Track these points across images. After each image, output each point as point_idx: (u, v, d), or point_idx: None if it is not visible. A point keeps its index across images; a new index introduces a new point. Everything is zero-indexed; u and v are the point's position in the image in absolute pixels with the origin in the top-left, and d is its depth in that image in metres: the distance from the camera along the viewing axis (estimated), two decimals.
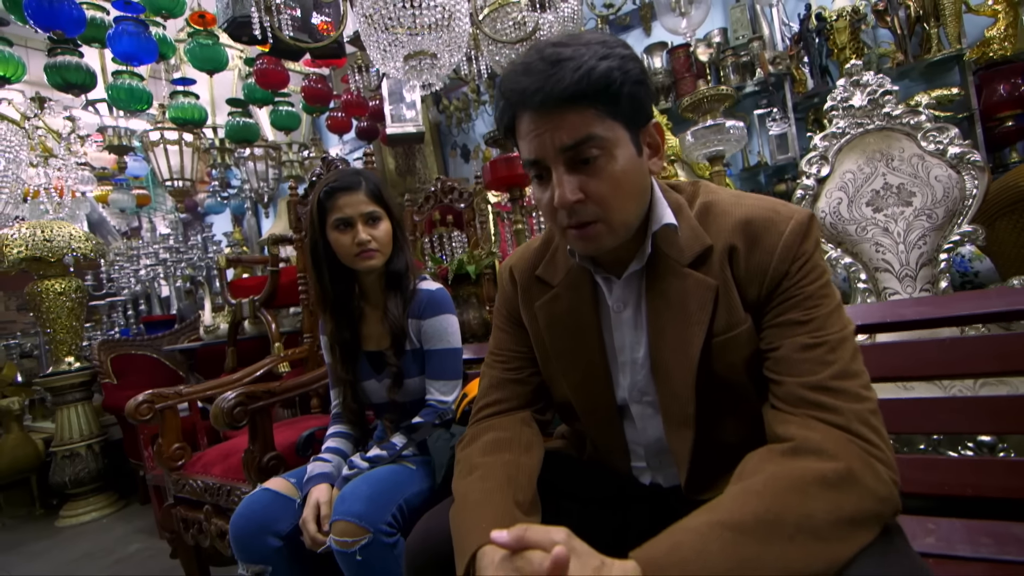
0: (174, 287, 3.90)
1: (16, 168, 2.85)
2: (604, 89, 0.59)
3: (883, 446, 0.55)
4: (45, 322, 2.56)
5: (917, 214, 1.51)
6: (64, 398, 2.58)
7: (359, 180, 1.13)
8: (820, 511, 0.49)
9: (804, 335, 0.60)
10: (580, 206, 0.62)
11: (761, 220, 0.65)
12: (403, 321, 1.17)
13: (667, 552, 0.48)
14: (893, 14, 2.60)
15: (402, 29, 2.03)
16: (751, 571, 0.46)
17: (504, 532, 0.49)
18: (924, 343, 0.99)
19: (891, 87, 1.57)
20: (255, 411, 1.33)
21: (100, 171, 4.37)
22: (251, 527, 1.01)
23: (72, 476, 2.52)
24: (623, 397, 0.75)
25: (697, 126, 2.29)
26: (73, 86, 2.61)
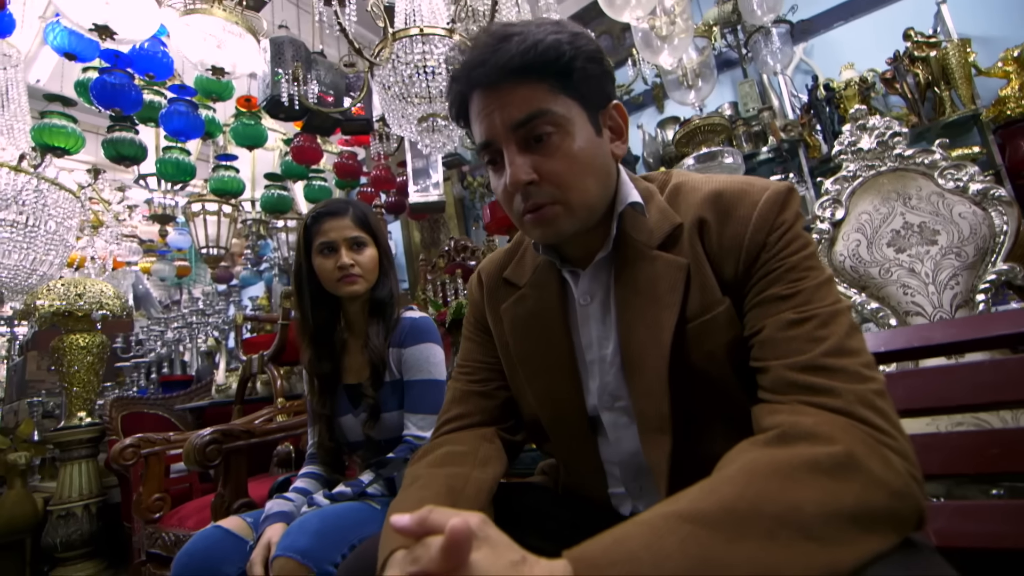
0: (197, 349, 3.97)
1: (66, 233, 3.07)
2: (554, 61, 0.57)
3: (895, 432, 0.44)
4: (65, 376, 2.60)
5: (944, 253, 1.41)
6: (71, 454, 2.55)
7: (346, 207, 1.14)
8: (810, 502, 0.38)
9: (789, 311, 0.52)
10: (534, 187, 0.58)
11: (733, 191, 0.59)
12: (384, 350, 1.12)
13: (608, 549, 0.37)
14: (902, 81, 2.63)
15: (418, 99, 2.17)
16: (713, 572, 0.35)
17: (406, 516, 0.40)
18: (957, 367, 0.86)
19: (900, 128, 1.54)
20: (230, 451, 1.26)
21: (147, 243, 4.67)
22: (194, 567, 0.91)
23: (64, 538, 2.42)
24: (593, 405, 0.66)
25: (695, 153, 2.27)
26: (125, 158, 2.86)
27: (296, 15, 3.56)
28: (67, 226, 3.07)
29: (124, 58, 2.69)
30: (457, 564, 0.35)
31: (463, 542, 0.35)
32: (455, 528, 0.34)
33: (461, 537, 0.35)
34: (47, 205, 2.90)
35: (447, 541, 0.35)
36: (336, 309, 1.19)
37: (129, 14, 2.18)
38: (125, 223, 3.65)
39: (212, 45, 2.50)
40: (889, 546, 0.39)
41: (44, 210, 2.91)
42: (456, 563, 0.35)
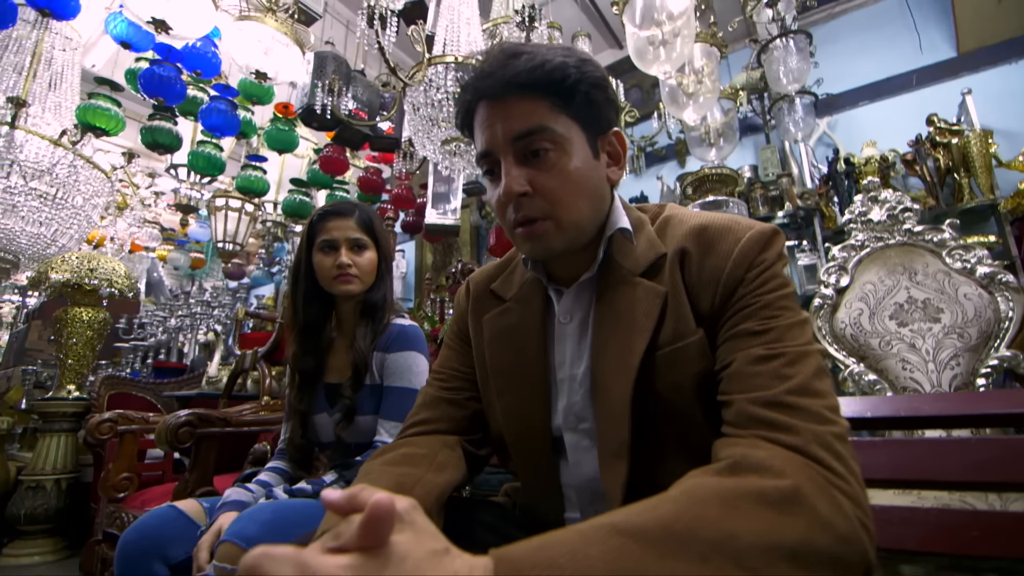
0: (196, 339, 3.99)
1: (91, 210, 3.16)
2: (559, 82, 0.60)
3: (849, 477, 0.43)
4: (62, 347, 2.62)
5: (947, 332, 1.39)
6: (53, 426, 2.54)
7: (353, 209, 1.17)
8: (749, 532, 0.37)
9: (758, 346, 0.52)
10: (527, 200, 0.60)
11: (718, 227, 0.60)
12: (368, 353, 1.11)
13: (533, 551, 0.36)
14: (922, 164, 2.66)
15: (444, 124, 2.25)
16: None
17: (337, 492, 0.39)
18: (945, 442, 0.84)
19: (910, 204, 1.55)
20: (203, 436, 1.25)
21: (167, 232, 4.78)
22: (141, 545, 0.89)
23: (29, 511, 2.38)
24: (558, 425, 0.65)
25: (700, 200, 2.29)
26: (160, 146, 2.96)
27: (344, 35, 3.75)
28: (93, 203, 3.17)
29: (176, 53, 2.83)
30: (375, 542, 0.33)
31: (383, 519, 0.33)
32: (377, 503, 0.33)
33: (382, 513, 0.33)
34: (78, 181, 3.01)
35: (366, 515, 0.33)
36: (329, 307, 1.20)
37: (186, 12, 2.31)
38: (150, 209, 3.74)
39: (260, 51, 2.63)
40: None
41: (74, 185, 3.01)
42: (374, 541, 0.33)
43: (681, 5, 2.15)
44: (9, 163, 2.82)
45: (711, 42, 2.41)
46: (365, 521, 0.33)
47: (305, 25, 2.95)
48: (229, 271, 4.83)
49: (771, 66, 2.38)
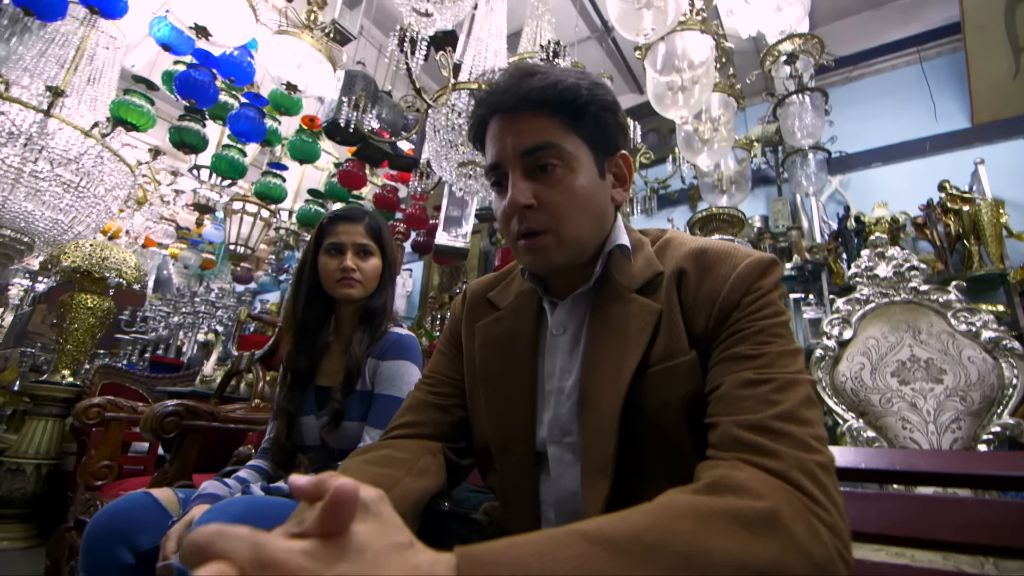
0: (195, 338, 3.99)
1: (111, 201, 3.23)
2: (570, 101, 0.62)
3: (830, 507, 0.42)
4: (63, 331, 2.63)
5: (949, 394, 1.36)
6: (42, 409, 2.53)
7: (363, 215, 1.18)
8: (721, 550, 0.36)
9: (749, 370, 0.51)
10: (531, 212, 0.61)
11: (717, 251, 0.60)
12: (363, 358, 1.11)
13: (499, 551, 0.34)
14: (932, 228, 2.67)
15: (463, 148, 2.30)
16: None
17: (304, 477, 0.38)
18: (938, 499, 0.81)
19: (917, 263, 1.55)
20: (188, 428, 1.24)
21: (182, 230, 4.85)
22: (110, 529, 0.87)
23: (6, 493, 2.34)
24: (543, 438, 0.64)
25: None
26: (187, 145, 3.05)
27: (376, 57, 3.88)
28: (114, 195, 3.23)
29: (212, 59, 2.94)
30: (336, 528, 0.31)
31: (345, 503, 0.32)
32: (340, 488, 0.32)
33: (344, 498, 0.32)
34: (102, 171, 3.08)
35: (327, 499, 0.31)
36: (328, 311, 1.20)
37: (228, 21, 2.41)
38: (168, 206, 3.82)
39: (293, 64, 2.73)
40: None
41: (98, 175, 3.08)
42: (335, 527, 0.31)
43: (702, 55, 2.21)
44: (39, 148, 2.90)
45: (729, 92, 2.47)
46: (326, 505, 0.31)
47: (339, 44, 3.07)
48: (238, 274, 4.88)
49: (786, 120, 2.43)
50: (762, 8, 1.88)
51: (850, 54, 3.21)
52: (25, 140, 2.87)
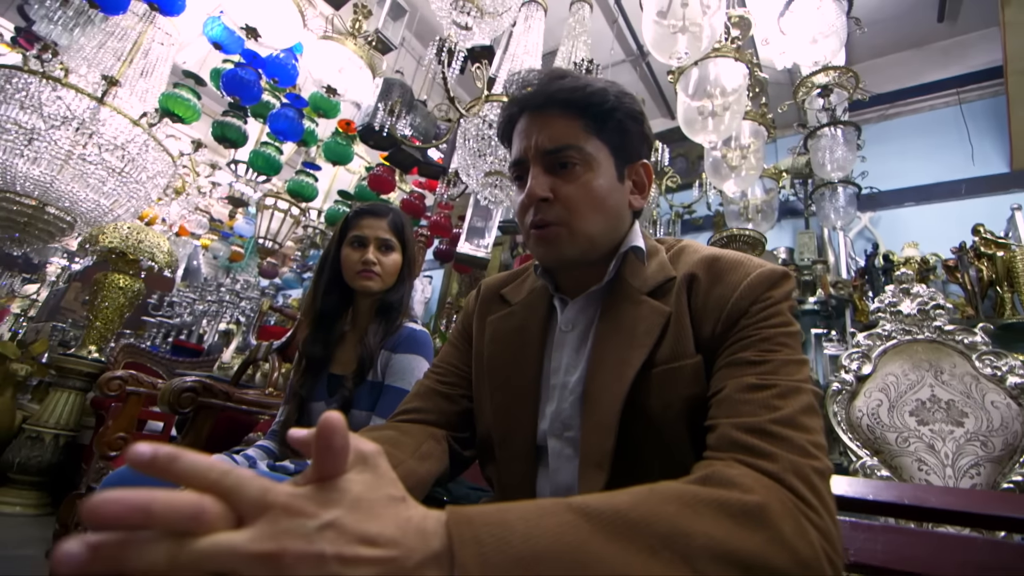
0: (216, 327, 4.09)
1: (151, 189, 3.36)
2: (596, 105, 0.64)
3: (822, 511, 0.42)
4: (94, 308, 2.73)
5: (969, 438, 1.32)
6: (66, 381, 2.62)
7: (387, 211, 1.22)
8: (702, 535, 0.36)
9: (752, 376, 0.52)
10: (547, 205, 0.63)
11: (730, 260, 0.61)
12: (376, 349, 1.14)
13: (488, 512, 0.35)
14: (964, 272, 2.61)
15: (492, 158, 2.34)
16: (583, 563, 0.33)
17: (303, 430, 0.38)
18: (947, 536, 0.79)
19: (943, 301, 1.51)
20: (203, 405, 1.27)
21: (214, 222, 5.01)
22: None
23: (24, 460, 2.42)
24: (544, 431, 0.65)
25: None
26: (227, 140, 3.17)
27: (414, 68, 3.99)
28: (155, 182, 3.37)
29: (259, 60, 3.06)
30: (331, 470, 0.32)
31: (335, 433, 0.31)
32: (327, 418, 0.31)
33: (333, 427, 0.31)
34: (146, 160, 3.22)
35: (317, 433, 0.31)
36: (347, 302, 1.23)
37: (277, 24, 2.52)
38: (204, 197, 3.95)
39: (335, 68, 2.83)
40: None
41: (142, 163, 3.22)
42: (329, 464, 0.32)
43: (734, 82, 2.23)
44: (89, 134, 3.05)
45: (760, 121, 2.47)
46: (317, 440, 0.32)
47: (380, 53, 3.17)
48: (264, 269, 5.00)
49: (817, 153, 2.42)
50: (798, 39, 1.89)
51: (887, 92, 3.18)
52: (78, 125, 3.01)
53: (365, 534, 0.30)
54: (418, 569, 0.31)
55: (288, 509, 0.30)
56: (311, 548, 0.29)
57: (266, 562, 0.28)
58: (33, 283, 4.82)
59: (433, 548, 0.32)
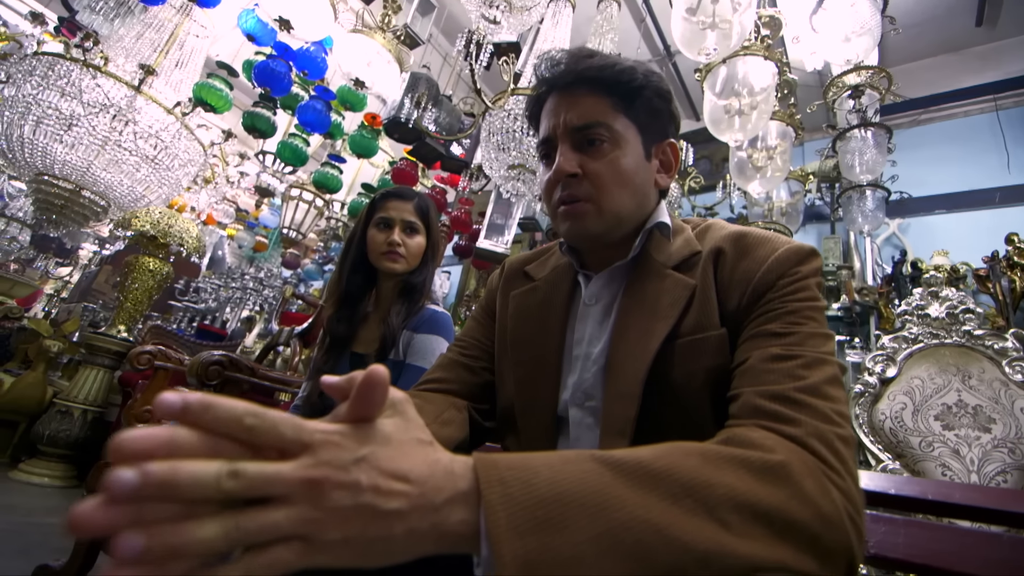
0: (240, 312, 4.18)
1: (182, 176, 3.45)
2: (625, 83, 0.64)
3: (844, 473, 0.42)
4: (125, 289, 2.82)
5: (997, 444, 1.29)
6: (95, 359, 2.70)
7: (413, 195, 1.24)
8: (724, 486, 0.36)
9: (777, 347, 0.52)
10: (575, 182, 0.64)
11: (758, 236, 0.61)
12: (399, 329, 1.16)
13: (513, 458, 0.36)
14: (995, 281, 2.53)
15: (515, 152, 2.36)
16: (606, 507, 0.33)
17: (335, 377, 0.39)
18: (971, 532, 0.77)
19: (972, 305, 1.48)
20: (228, 379, 1.31)
21: (240, 212, 5.11)
22: None
23: (53, 432, 2.51)
24: (565, 401, 0.66)
25: None
26: (257, 130, 3.25)
27: (440, 64, 4.04)
28: (186, 170, 3.46)
29: (291, 53, 3.13)
30: (365, 413, 0.33)
31: (377, 384, 0.33)
32: (373, 370, 0.33)
33: (377, 379, 0.33)
34: (178, 148, 3.32)
35: (361, 381, 0.33)
36: (371, 282, 1.25)
37: (309, 17, 2.58)
38: (232, 186, 4.05)
39: (363, 62, 2.88)
40: (803, 570, 0.35)
41: (174, 151, 3.32)
42: (366, 409, 0.33)
43: (763, 82, 2.20)
44: (125, 121, 3.15)
45: (788, 122, 2.44)
46: (360, 387, 0.33)
47: (408, 47, 3.21)
48: (286, 260, 5.09)
49: (846, 155, 2.38)
50: (830, 37, 1.87)
51: (920, 96, 3.12)
52: (115, 112, 3.10)
53: (397, 470, 0.32)
54: (445, 506, 0.32)
55: (327, 444, 0.31)
56: (348, 477, 0.30)
57: (309, 488, 0.29)
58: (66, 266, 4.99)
59: (460, 488, 0.33)
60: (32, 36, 3.38)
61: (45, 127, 2.93)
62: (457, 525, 0.32)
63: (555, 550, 0.31)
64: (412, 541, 0.31)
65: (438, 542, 0.32)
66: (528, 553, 0.30)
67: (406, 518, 0.31)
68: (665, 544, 0.32)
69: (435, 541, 0.32)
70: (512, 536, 0.31)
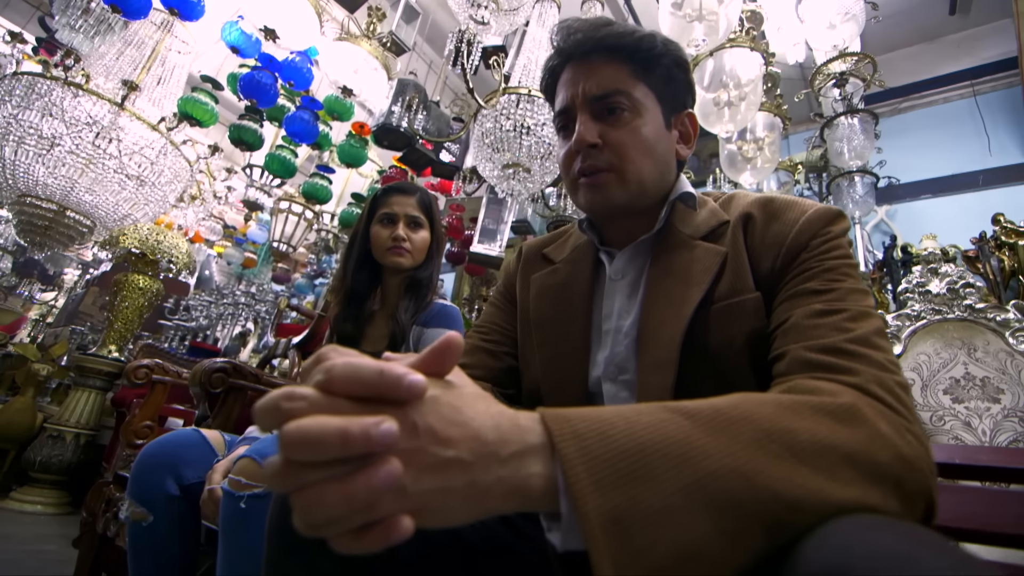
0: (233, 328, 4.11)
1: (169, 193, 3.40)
2: (645, 50, 0.64)
3: (912, 418, 0.41)
4: (114, 309, 2.76)
5: (1007, 414, 1.30)
6: (87, 381, 2.63)
7: (415, 189, 1.23)
8: (805, 431, 0.35)
9: (819, 303, 0.51)
10: (596, 152, 0.63)
11: (785, 200, 0.61)
12: (408, 325, 1.14)
13: (584, 411, 0.34)
14: (985, 262, 2.57)
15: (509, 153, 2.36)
16: (691, 456, 0.31)
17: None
18: (1004, 493, 0.77)
19: (972, 280, 1.50)
20: (233, 387, 1.27)
21: (228, 229, 5.05)
22: (161, 459, 0.90)
23: (45, 458, 2.43)
24: (596, 377, 0.64)
25: None
26: (244, 143, 3.22)
27: (426, 71, 4.04)
28: (172, 188, 3.41)
29: (276, 64, 3.11)
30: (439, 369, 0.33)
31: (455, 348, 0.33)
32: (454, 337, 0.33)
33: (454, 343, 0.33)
34: (163, 164, 3.27)
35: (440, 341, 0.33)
36: (376, 278, 1.24)
37: (295, 26, 2.57)
38: (220, 201, 4.00)
39: (350, 69, 2.87)
40: (889, 511, 0.34)
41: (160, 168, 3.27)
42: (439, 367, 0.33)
43: (750, 73, 2.23)
44: (108, 139, 3.10)
45: (775, 113, 2.48)
46: (438, 344, 0.33)
47: (394, 55, 3.21)
48: (276, 275, 5.03)
49: (834, 142, 2.41)
50: (815, 24, 1.90)
51: (900, 85, 3.18)
52: (98, 130, 3.06)
53: (456, 418, 0.30)
54: (513, 459, 0.31)
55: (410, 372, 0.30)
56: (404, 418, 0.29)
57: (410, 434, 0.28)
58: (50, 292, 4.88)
59: (530, 441, 0.32)
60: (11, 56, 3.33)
61: (26, 147, 2.88)
62: (528, 479, 0.31)
63: (643, 504, 0.29)
64: (475, 496, 0.29)
65: (505, 498, 0.30)
66: (615, 508, 0.29)
67: (468, 469, 0.29)
68: (754, 492, 0.31)
69: (502, 497, 0.30)
70: (595, 491, 0.29)
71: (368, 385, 0.28)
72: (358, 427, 0.26)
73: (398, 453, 0.27)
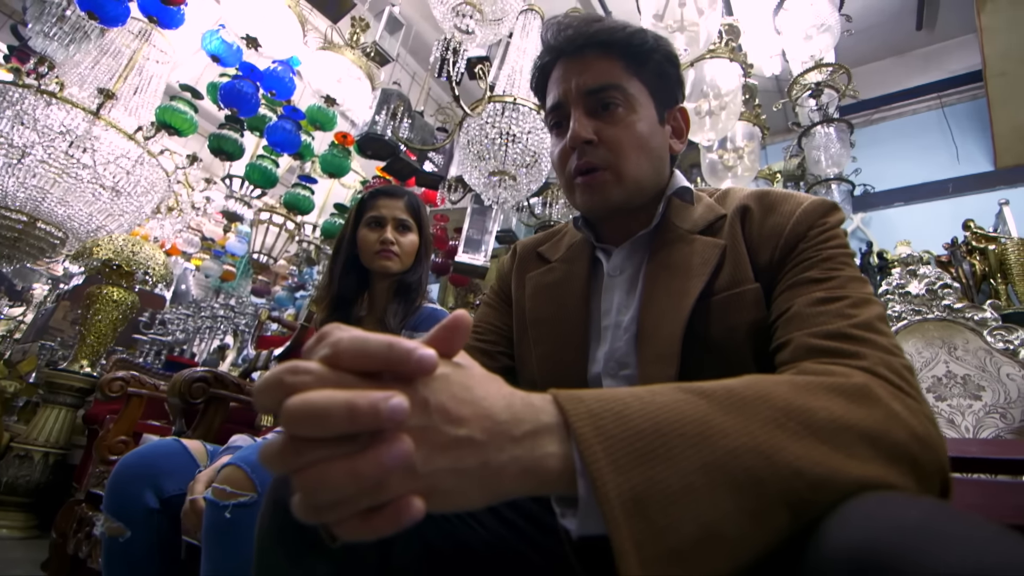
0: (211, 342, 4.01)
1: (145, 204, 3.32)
2: (637, 46, 0.64)
3: (922, 400, 0.41)
4: (87, 322, 2.66)
5: (988, 411, 1.32)
6: (56, 397, 2.53)
7: (403, 192, 1.22)
8: (823, 409, 0.34)
9: (820, 291, 0.51)
10: (591, 148, 0.62)
11: (780, 193, 0.61)
12: (397, 331, 1.11)
13: (598, 392, 0.33)
14: (957, 266, 2.65)
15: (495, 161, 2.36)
16: (709, 435, 0.31)
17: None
18: (995, 484, 0.78)
19: (950, 281, 1.54)
20: (214, 397, 1.23)
21: (206, 241, 4.95)
22: (139, 470, 0.86)
23: (12, 479, 2.31)
24: (596, 373, 0.63)
25: None
26: (224, 152, 3.17)
27: (409, 82, 4.05)
28: (148, 198, 3.34)
29: (257, 73, 3.08)
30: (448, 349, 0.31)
31: (463, 327, 0.32)
32: (460, 313, 0.32)
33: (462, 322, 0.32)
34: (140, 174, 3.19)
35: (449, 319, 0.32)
36: (363, 284, 1.21)
37: (277, 36, 2.55)
38: (198, 212, 3.92)
39: (334, 79, 2.86)
40: (907, 489, 0.34)
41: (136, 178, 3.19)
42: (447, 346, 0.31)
43: (730, 84, 2.28)
44: (83, 149, 3.02)
45: (754, 122, 2.53)
46: (446, 322, 0.32)
47: (378, 64, 3.21)
48: (256, 287, 4.93)
49: (811, 151, 2.47)
50: (792, 35, 1.96)
51: (871, 97, 3.29)
52: (72, 139, 2.99)
53: (468, 396, 0.29)
54: (527, 439, 0.30)
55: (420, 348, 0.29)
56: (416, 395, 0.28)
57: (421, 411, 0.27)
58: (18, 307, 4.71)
59: (544, 421, 0.31)
60: None
61: None
62: (543, 459, 0.29)
63: (663, 483, 0.28)
64: (488, 476, 0.28)
65: (519, 479, 0.29)
66: (634, 488, 0.28)
67: (481, 449, 0.28)
68: (775, 470, 0.30)
69: (516, 478, 0.29)
70: (614, 471, 0.28)
71: (377, 359, 0.27)
72: (366, 400, 0.24)
73: (408, 430, 0.26)
